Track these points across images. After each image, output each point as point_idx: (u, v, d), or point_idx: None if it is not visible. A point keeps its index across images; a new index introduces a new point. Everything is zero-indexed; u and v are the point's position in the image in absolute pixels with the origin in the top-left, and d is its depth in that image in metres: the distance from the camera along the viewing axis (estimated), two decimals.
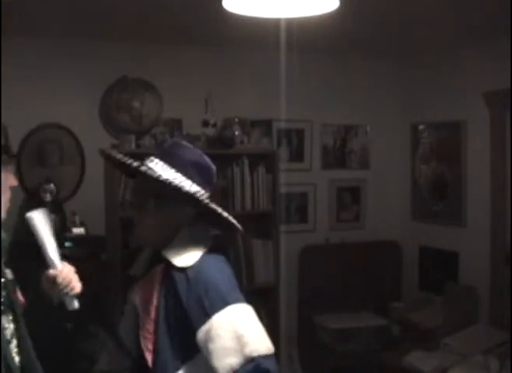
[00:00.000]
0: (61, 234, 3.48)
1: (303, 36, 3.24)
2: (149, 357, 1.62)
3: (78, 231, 3.51)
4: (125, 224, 3.67)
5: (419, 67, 4.57)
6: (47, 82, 3.70)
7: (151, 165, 1.69)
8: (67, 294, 1.63)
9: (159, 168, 1.67)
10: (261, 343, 1.57)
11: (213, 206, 1.70)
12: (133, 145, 3.74)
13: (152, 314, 1.64)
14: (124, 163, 1.69)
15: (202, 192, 1.71)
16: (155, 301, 1.64)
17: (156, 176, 1.63)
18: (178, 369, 1.60)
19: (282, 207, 4.13)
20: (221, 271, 1.66)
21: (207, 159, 1.77)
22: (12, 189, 1.74)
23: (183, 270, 1.62)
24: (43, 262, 1.68)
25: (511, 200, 3.77)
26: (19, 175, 3.68)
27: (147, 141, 3.79)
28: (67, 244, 3.40)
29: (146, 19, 3.33)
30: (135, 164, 1.65)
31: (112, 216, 3.70)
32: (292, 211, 4.46)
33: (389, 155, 4.73)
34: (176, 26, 3.51)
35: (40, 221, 1.69)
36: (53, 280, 1.63)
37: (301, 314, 4.35)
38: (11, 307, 1.63)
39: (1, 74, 3.51)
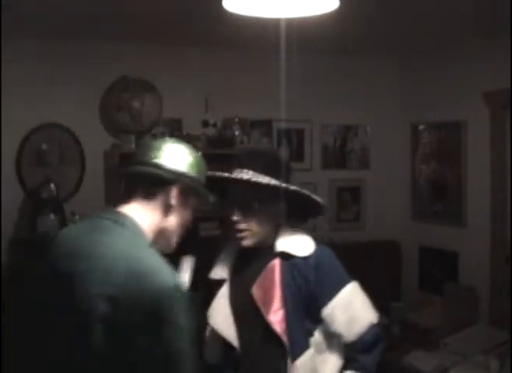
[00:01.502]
0: None
1: (303, 36, 3.24)
2: (284, 338, 1.86)
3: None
4: None
5: (419, 67, 4.57)
6: (47, 82, 3.70)
7: (245, 176, 1.92)
8: None
9: (255, 177, 1.91)
10: (374, 311, 2.00)
11: (315, 197, 1.96)
12: (133, 145, 3.75)
13: (278, 302, 1.88)
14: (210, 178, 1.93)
15: (295, 187, 1.94)
16: (278, 292, 1.89)
17: (264, 182, 1.88)
18: (307, 345, 1.90)
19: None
20: (333, 255, 1.99)
21: (282, 157, 2.13)
22: None
23: (305, 258, 1.92)
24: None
25: (511, 200, 3.77)
26: (19, 175, 3.69)
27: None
28: None
29: (146, 19, 3.32)
30: (245, 177, 1.90)
31: None
32: None
33: (389, 155, 4.73)
34: (176, 26, 3.51)
35: (187, 265, 1.83)
36: None
37: None
38: None
39: (1, 74, 3.51)
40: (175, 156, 1.56)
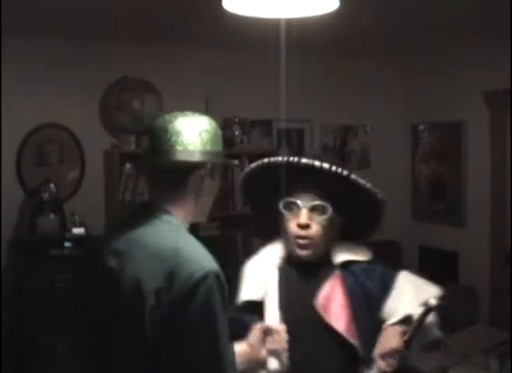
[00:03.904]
0: (60, 234, 3.49)
1: (303, 36, 3.24)
2: (361, 352, 1.71)
3: (77, 231, 3.51)
4: None
5: (418, 67, 4.57)
6: (47, 82, 3.70)
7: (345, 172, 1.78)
8: (280, 350, 1.63)
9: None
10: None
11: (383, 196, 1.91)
12: (133, 145, 3.75)
13: (345, 312, 1.74)
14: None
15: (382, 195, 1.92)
16: (343, 301, 1.75)
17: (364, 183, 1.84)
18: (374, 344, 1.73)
19: None
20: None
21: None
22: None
23: (369, 261, 1.87)
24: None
25: (511, 200, 3.77)
26: (19, 175, 3.69)
27: (147, 141, 3.79)
28: (67, 244, 3.39)
29: (146, 19, 3.32)
30: (345, 172, 1.76)
31: (112, 216, 3.70)
32: None
33: (389, 155, 4.73)
34: (176, 26, 3.51)
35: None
36: (271, 334, 1.65)
37: None
38: None
39: (1, 74, 3.51)
40: (194, 137, 1.50)
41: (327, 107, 4.50)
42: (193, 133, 1.50)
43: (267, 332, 1.66)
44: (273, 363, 1.63)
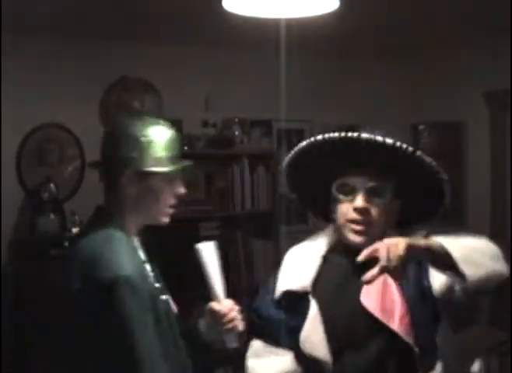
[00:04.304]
0: (60, 234, 3.49)
1: (303, 36, 3.24)
2: (416, 350, 1.49)
3: (77, 231, 3.51)
4: None
5: (419, 67, 4.57)
6: (47, 82, 3.70)
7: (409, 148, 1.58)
8: (229, 330, 1.61)
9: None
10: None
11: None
12: None
13: (396, 304, 1.52)
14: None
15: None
16: (398, 294, 1.53)
17: (429, 160, 1.58)
18: (436, 352, 1.54)
19: (282, 207, 4.13)
20: None
21: None
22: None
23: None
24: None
25: (511, 200, 3.77)
26: (19, 175, 3.69)
27: None
28: (67, 244, 3.39)
29: (146, 18, 3.33)
30: (410, 149, 1.59)
31: None
32: (292, 211, 4.45)
33: None
34: (176, 26, 3.51)
35: (208, 253, 1.63)
36: (217, 315, 1.60)
37: None
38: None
39: (1, 74, 3.51)
40: (121, 143, 1.57)
41: (327, 107, 4.50)
42: (122, 138, 1.58)
43: (215, 313, 1.62)
44: (230, 341, 1.64)
